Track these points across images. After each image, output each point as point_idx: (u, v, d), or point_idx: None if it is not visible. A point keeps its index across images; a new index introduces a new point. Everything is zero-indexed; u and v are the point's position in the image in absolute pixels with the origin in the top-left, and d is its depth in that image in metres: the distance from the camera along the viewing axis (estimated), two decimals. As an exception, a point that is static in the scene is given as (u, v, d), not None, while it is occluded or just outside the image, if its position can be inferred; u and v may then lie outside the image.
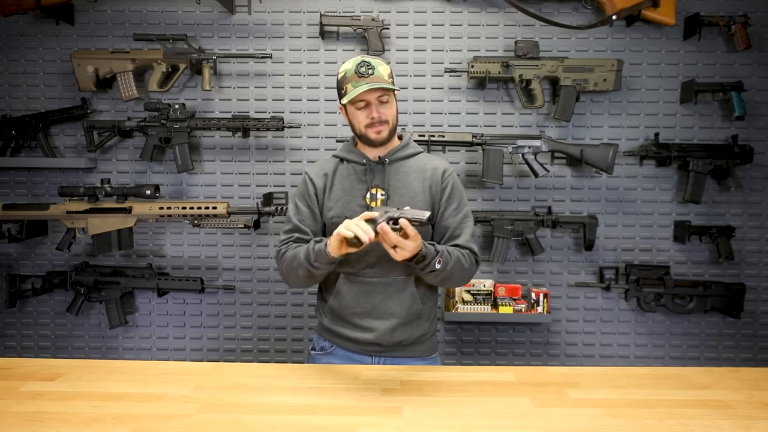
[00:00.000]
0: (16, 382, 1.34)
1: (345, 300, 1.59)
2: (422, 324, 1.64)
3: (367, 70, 1.50)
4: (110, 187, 2.35)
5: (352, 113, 1.57)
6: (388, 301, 1.58)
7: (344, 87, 1.54)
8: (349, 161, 1.63)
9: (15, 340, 2.59)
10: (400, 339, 1.60)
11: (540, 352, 2.57)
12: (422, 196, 1.59)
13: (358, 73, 1.51)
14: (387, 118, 1.55)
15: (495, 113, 2.49)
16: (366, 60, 1.53)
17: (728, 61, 2.46)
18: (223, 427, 1.14)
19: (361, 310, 1.58)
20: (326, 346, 1.66)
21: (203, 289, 2.46)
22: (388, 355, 1.61)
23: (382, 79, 1.51)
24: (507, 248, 2.43)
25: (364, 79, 1.50)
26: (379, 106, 1.53)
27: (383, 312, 1.57)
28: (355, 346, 1.61)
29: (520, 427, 1.15)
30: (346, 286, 1.58)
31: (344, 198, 1.59)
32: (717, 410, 1.24)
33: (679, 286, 2.45)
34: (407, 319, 1.60)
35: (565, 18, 2.43)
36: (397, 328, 1.58)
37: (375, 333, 1.58)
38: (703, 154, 2.40)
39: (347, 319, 1.60)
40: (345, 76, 1.54)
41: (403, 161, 1.63)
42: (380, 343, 1.59)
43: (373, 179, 1.60)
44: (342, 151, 1.67)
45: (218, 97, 2.49)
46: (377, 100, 1.53)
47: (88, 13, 2.47)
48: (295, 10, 2.47)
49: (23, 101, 2.50)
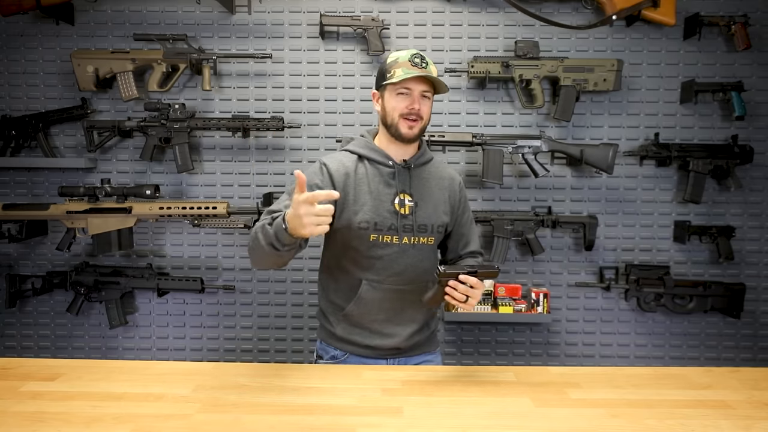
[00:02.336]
0: (16, 382, 1.34)
1: (368, 307, 1.55)
2: (432, 323, 1.68)
3: (422, 62, 1.48)
4: (110, 187, 2.35)
5: (391, 98, 1.50)
6: (410, 308, 1.58)
7: (392, 71, 1.48)
8: (372, 161, 1.55)
9: (15, 340, 2.59)
10: (416, 341, 1.61)
11: (540, 352, 2.57)
12: (443, 206, 1.60)
13: (411, 62, 1.46)
14: (423, 115, 1.51)
15: (495, 113, 2.49)
16: (422, 54, 1.50)
17: (728, 61, 2.45)
18: (223, 427, 1.14)
19: (384, 317, 1.56)
20: (338, 354, 1.61)
21: (203, 289, 2.46)
22: (403, 356, 1.62)
23: (433, 76, 1.48)
24: (507, 248, 2.42)
25: (418, 69, 1.46)
26: (421, 100, 1.50)
27: (405, 318, 1.57)
28: (372, 352, 1.59)
29: (520, 427, 1.15)
30: (369, 293, 1.54)
31: (373, 202, 1.52)
32: (717, 410, 1.24)
33: (679, 286, 2.45)
34: (424, 322, 1.62)
35: (565, 18, 2.43)
36: (416, 332, 1.60)
37: (396, 339, 1.57)
38: (703, 154, 2.40)
39: (367, 326, 1.57)
40: (396, 61, 1.49)
41: (423, 167, 1.61)
42: (400, 347, 1.59)
43: (400, 184, 1.54)
44: (362, 148, 1.57)
45: (218, 97, 2.49)
46: (420, 94, 1.49)
47: (88, 13, 2.47)
48: (295, 10, 2.47)
49: (23, 101, 2.50)
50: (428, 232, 1.56)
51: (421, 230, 1.54)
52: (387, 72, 1.50)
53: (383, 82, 1.51)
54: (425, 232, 1.55)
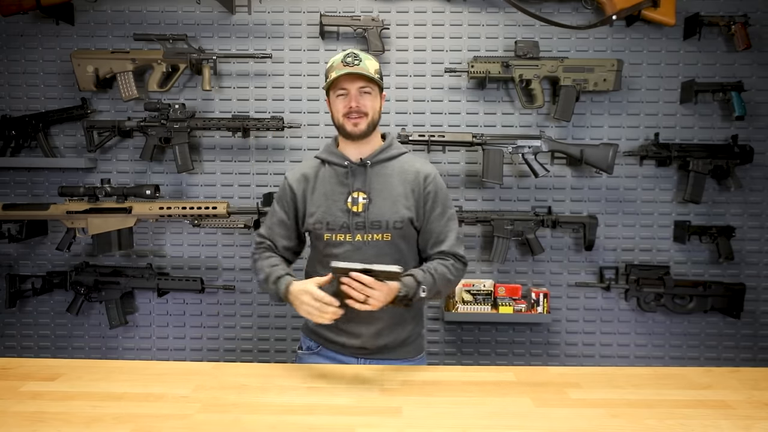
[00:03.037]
0: (16, 382, 1.34)
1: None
2: (407, 327, 1.63)
3: (353, 61, 1.49)
4: (110, 187, 2.35)
5: (334, 101, 1.55)
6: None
7: (328, 75, 1.53)
8: (330, 163, 1.60)
9: (15, 340, 2.59)
10: (384, 342, 1.60)
11: (540, 352, 2.57)
12: (404, 200, 1.56)
13: (344, 63, 1.50)
14: (366, 110, 1.52)
15: (495, 113, 2.49)
16: (355, 52, 1.52)
17: (728, 61, 2.45)
18: (223, 427, 1.14)
19: (346, 316, 1.53)
20: (312, 345, 1.67)
21: (203, 289, 2.46)
22: (373, 357, 1.60)
23: (366, 71, 1.50)
24: (507, 248, 2.42)
25: (349, 68, 1.48)
26: (360, 97, 1.51)
27: (368, 317, 1.53)
28: (341, 349, 1.62)
29: (520, 427, 1.16)
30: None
31: (326, 203, 1.57)
32: (717, 410, 1.24)
33: (679, 286, 2.45)
34: (391, 323, 1.59)
35: (565, 18, 2.43)
36: (381, 332, 1.58)
37: (360, 338, 1.58)
38: (703, 154, 2.40)
39: (333, 323, 1.56)
40: (332, 65, 1.53)
41: (385, 163, 1.59)
42: (366, 347, 1.59)
43: (354, 182, 1.56)
44: (323, 152, 1.63)
45: (218, 97, 2.49)
46: (358, 91, 1.51)
47: (88, 13, 2.47)
48: (295, 10, 2.47)
49: (23, 101, 2.50)
50: (383, 229, 1.54)
51: (374, 227, 1.54)
52: (327, 77, 1.55)
53: (324, 86, 1.57)
54: (379, 229, 1.54)
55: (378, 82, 1.54)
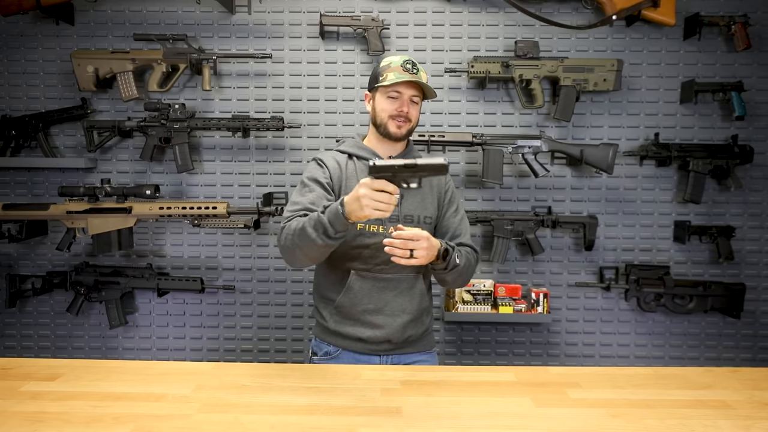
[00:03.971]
0: (16, 382, 1.34)
1: (357, 297, 1.59)
2: (426, 319, 1.69)
3: (413, 68, 1.57)
4: (110, 187, 2.35)
5: (382, 100, 1.59)
6: (400, 298, 1.61)
7: (384, 74, 1.57)
8: (361, 158, 1.63)
9: (15, 340, 2.59)
10: (409, 334, 1.63)
11: (540, 352, 2.57)
12: (430, 198, 1.65)
13: (403, 68, 1.56)
14: (412, 118, 1.61)
15: (495, 113, 2.49)
16: (413, 60, 1.59)
17: (728, 61, 2.45)
18: (223, 427, 1.14)
19: (374, 306, 1.59)
20: (331, 350, 1.65)
21: (203, 289, 2.46)
22: (396, 352, 1.63)
23: (422, 81, 1.57)
24: (507, 248, 2.43)
25: (409, 74, 1.55)
26: (410, 104, 1.59)
27: (396, 308, 1.60)
28: (363, 347, 1.61)
29: (520, 427, 1.15)
30: (358, 282, 1.59)
31: None
32: (717, 410, 1.24)
33: (679, 286, 2.45)
34: (417, 315, 1.63)
35: (565, 18, 2.43)
36: (408, 324, 1.62)
37: (387, 330, 1.59)
38: (703, 154, 2.40)
39: (357, 317, 1.60)
40: (389, 65, 1.58)
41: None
42: (391, 340, 1.61)
43: None
44: (351, 147, 1.67)
45: (218, 97, 2.49)
46: (410, 98, 1.58)
47: (88, 13, 2.47)
48: (295, 10, 2.47)
49: (23, 101, 2.50)
50: (414, 223, 1.61)
51: (407, 220, 1.61)
52: (380, 75, 1.59)
53: (375, 84, 1.61)
54: (411, 222, 1.61)
55: (429, 95, 1.61)
